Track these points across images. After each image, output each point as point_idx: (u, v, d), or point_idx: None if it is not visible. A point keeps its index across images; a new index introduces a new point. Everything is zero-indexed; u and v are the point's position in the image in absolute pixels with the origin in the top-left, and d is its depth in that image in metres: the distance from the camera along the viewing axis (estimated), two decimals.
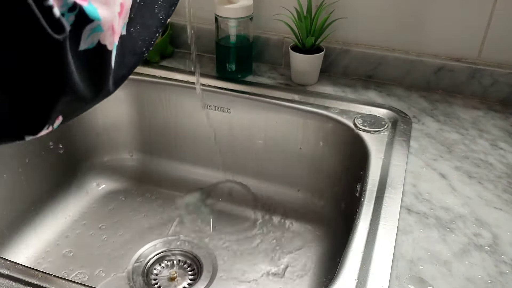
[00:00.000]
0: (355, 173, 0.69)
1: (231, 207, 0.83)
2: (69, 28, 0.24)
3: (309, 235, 0.78)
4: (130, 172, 0.90)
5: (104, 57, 0.28)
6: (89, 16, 0.25)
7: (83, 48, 0.26)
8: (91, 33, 0.26)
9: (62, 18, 0.24)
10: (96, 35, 0.27)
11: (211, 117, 0.82)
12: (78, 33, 0.25)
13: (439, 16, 0.76)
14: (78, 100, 0.28)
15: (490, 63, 0.77)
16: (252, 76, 0.85)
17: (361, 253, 0.49)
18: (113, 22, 0.28)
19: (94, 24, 0.26)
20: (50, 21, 0.23)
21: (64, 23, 0.24)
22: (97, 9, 0.26)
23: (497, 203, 0.57)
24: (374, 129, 0.70)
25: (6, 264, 0.48)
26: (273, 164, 0.82)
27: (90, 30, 0.26)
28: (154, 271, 0.73)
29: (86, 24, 0.25)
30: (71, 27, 0.24)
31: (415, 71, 0.81)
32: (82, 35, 0.26)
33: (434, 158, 0.65)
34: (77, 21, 0.25)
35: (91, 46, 0.27)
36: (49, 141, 0.81)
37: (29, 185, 0.78)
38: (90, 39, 0.26)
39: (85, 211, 0.83)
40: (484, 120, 0.74)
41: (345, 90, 0.81)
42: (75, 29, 0.25)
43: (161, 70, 0.85)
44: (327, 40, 0.81)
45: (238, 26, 0.80)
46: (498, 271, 0.48)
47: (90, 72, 0.28)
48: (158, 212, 0.82)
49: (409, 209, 0.56)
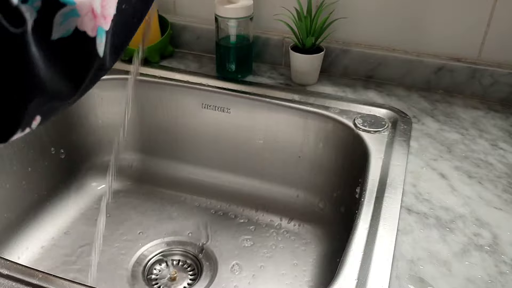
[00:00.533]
0: (355, 173, 0.69)
1: (231, 207, 0.83)
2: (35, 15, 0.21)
3: (309, 235, 0.78)
4: (130, 172, 0.90)
5: (85, 46, 0.24)
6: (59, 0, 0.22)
7: (56, 37, 0.23)
8: (64, 20, 0.23)
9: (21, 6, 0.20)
10: (71, 21, 0.23)
11: (211, 117, 0.82)
12: (49, 20, 0.22)
13: (439, 16, 0.76)
14: (55, 98, 0.25)
15: (490, 63, 0.77)
16: (252, 76, 0.85)
17: (361, 253, 0.49)
18: (92, 4, 0.24)
19: (67, 9, 0.22)
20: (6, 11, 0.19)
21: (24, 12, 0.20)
22: None
23: (497, 203, 0.57)
24: (374, 129, 0.70)
25: (6, 264, 0.48)
26: (273, 164, 0.82)
27: (62, 16, 0.22)
28: (154, 271, 0.73)
29: (57, 9, 0.22)
30: (37, 14, 0.21)
31: (415, 71, 0.81)
32: (53, 22, 0.22)
33: (434, 158, 0.65)
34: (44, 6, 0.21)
35: (66, 34, 0.23)
36: (50, 141, 0.81)
37: (29, 185, 0.78)
38: (64, 26, 0.23)
39: (85, 211, 0.83)
40: (484, 120, 0.74)
41: (345, 90, 0.81)
42: (43, 15, 0.21)
43: (161, 70, 0.85)
44: (327, 40, 0.81)
45: (238, 26, 0.80)
46: (498, 271, 0.48)
47: (68, 64, 0.24)
48: (158, 212, 0.82)
49: (409, 209, 0.56)
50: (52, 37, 0.23)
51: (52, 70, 0.23)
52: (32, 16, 0.21)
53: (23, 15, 0.20)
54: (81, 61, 0.25)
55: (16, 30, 0.20)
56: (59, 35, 0.23)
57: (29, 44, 0.21)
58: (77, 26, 0.23)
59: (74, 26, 0.23)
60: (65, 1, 0.22)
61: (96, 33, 0.24)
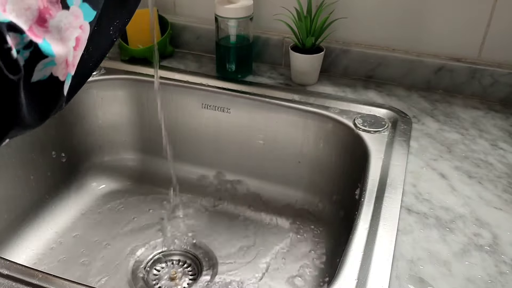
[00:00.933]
0: (355, 173, 0.69)
1: (231, 207, 0.83)
2: (23, 63, 0.25)
3: (309, 235, 0.78)
4: (130, 172, 0.90)
5: (55, 88, 0.29)
6: (43, 52, 0.26)
7: (35, 79, 0.27)
8: (44, 67, 0.27)
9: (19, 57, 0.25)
10: (48, 69, 0.28)
11: (211, 117, 0.82)
12: (32, 67, 0.26)
13: (439, 16, 0.76)
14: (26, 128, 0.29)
15: (490, 63, 0.77)
16: (252, 76, 0.85)
17: (361, 253, 0.49)
18: (67, 56, 0.29)
19: (48, 60, 0.27)
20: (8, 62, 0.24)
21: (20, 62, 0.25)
22: (51, 45, 0.27)
23: (497, 203, 0.57)
24: (374, 129, 0.70)
25: (6, 264, 0.48)
26: (273, 164, 0.82)
27: (43, 65, 0.27)
28: (154, 271, 0.73)
29: (40, 60, 0.27)
30: (25, 62, 0.25)
31: (415, 71, 0.81)
32: (35, 68, 0.27)
33: (434, 158, 0.65)
34: (31, 57, 0.26)
35: (43, 78, 0.28)
36: (49, 142, 0.81)
37: (29, 185, 0.78)
38: (42, 72, 0.27)
39: (85, 211, 0.82)
40: (484, 120, 0.74)
41: (345, 90, 0.81)
42: (29, 63, 0.26)
43: (161, 70, 0.85)
44: (327, 40, 0.81)
45: (238, 26, 0.80)
46: (498, 271, 0.48)
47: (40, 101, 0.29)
48: (158, 212, 0.82)
49: (409, 209, 0.56)
50: (32, 80, 0.27)
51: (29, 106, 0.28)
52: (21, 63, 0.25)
53: (19, 66, 0.25)
54: (51, 99, 0.30)
55: (14, 77, 0.25)
56: (37, 79, 0.27)
57: (20, 89, 0.26)
58: (52, 73, 0.28)
59: (50, 72, 0.28)
60: (47, 53, 0.27)
61: (65, 78, 0.30)
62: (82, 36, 0.30)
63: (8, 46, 0.23)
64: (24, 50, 0.25)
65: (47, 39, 0.26)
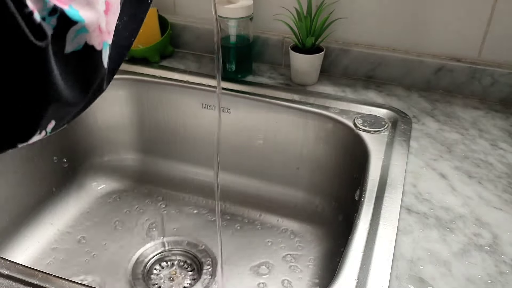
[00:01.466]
0: (355, 173, 0.69)
1: (231, 207, 0.83)
2: (52, 31, 0.24)
3: (309, 235, 0.78)
4: (130, 172, 0.90)
5: (93, 58, 0.28)
6: (71, 18, 0.25)
7: (69, 50, 0.26)
8: (76, 35, 0.26)
9: (43, 23, 0.23)
10: (81, 37, 0.26)
11: (211, 117, 0.82)
12: (63, 36, 0.25)
13: (439, 16, 0.76)
14: (68, 105, 0.28)
15: (490, 63, 0.77)
16: (252, 76, 0.85)
17: (361, 253, 0.49)
18: (99, 22, 0.27)
19: (78, 26, 0.26)
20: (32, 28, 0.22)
21: (46, 28, 0.23)
22: (78, 11, 0.25)
23: (497, 203, 0.57)
24: (374, 129, 0.70)
25: (6, 264, 0.48)
26: (273, 164, 0.82)
27: (74, 32, 0.26)
28: (154, 271, 0.73)
29: (70, 27, 0.25)
30: (53, 31, 0.24)
31: (415, 71, 0.81)
32: (66, 37, 0.25)
33: (434, 158, 0.65)
34: (59, 24, 0.24)
35: (78, 48, 0.26)
36: (49, 142, 0.81)
37: (29, 185, 0.78)
38: (76, 41, 0.26)
39: (85, 211, 0.83)
40: (484, 120, 0.74)
41: (345, 90, 0.81)
42: (58, 32, 0.25)
43: (161, 70, 0.85)
44: (327, 40, 0.81)
45: (238, 26, 0.80)
46: (498, 271, 0.48)
47: (79, 74, 0.27)
48: (158, 212, 0.82)
49: (409, 209, 0.56)
50: (66, 51, 0.26)
51: (65, 80, 0.26)
52: (50, 32, 0.24)
53: (45, 31, 0.23)
54: (90, 71, 0.28)
55: (40, 43, 0.23)
56: (71, 49, 0.26)
57: (50, 56, 0.24)
58: (87, 41, 0.27)
59: (84, 41, 0.27)
60: (76, 19, 0.25)
61: (102, 47, 0.28)
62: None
63: (29, 10, 0.22)
64: (49, 16, 0.24)
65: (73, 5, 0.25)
